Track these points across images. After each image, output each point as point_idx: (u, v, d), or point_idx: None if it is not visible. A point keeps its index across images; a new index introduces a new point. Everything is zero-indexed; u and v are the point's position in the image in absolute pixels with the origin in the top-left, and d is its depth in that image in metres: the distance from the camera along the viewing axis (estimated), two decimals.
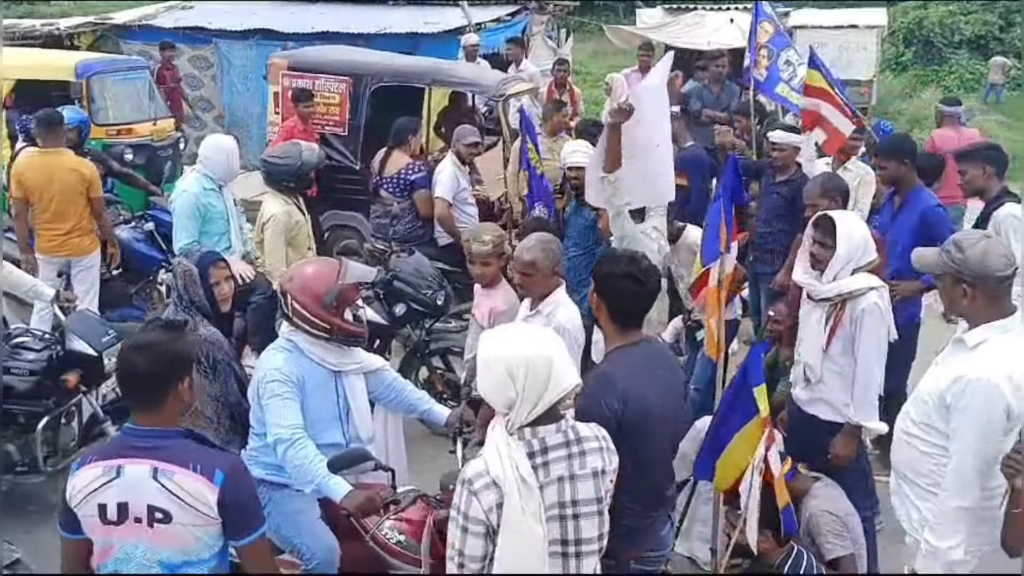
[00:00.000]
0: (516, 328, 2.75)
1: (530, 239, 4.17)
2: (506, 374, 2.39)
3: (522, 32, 13.14)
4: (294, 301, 3.38)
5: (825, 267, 3.91)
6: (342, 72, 8.05)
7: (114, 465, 2.47)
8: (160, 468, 2.45)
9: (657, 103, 4.92)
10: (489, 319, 4.58)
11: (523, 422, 2.42)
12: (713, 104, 9.22)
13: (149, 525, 2.46)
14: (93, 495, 2.48)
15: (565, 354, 2.48)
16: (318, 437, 3.32)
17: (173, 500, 2.45)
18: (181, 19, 12.58)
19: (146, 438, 2.49)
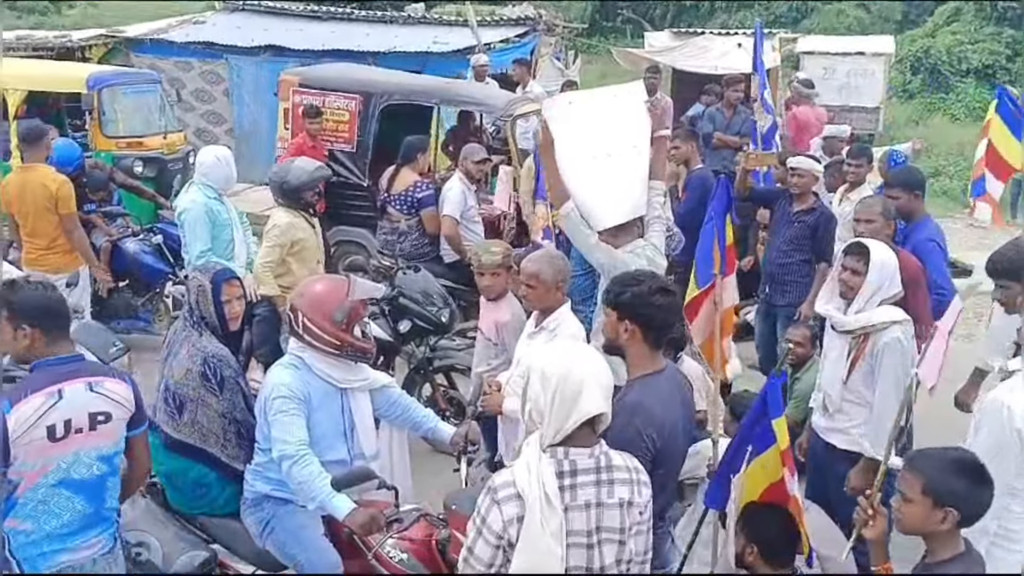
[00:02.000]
0: (567, 346, 2.76)
1: (537, 252, 4.21)
2: (540, 386, 2.42)
3: (530, 53, 13.21)
4: (304, 318, 3.40)
5: (853, 296, 3.90)
6: (352, 90, 8.10)
7: (54, 391, 2.91)
8: (91, 382, 3.01)
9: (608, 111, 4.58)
10: (496, 332, 4.58)
11: (552, 441, 2.42)
12: (724, 128, 9.26)
13: (92, 429, 2.98)
14: (40, 420, 2.87)
15: (603, 380, 2.47)
16: (323, 454, 3.33)
17: (109, 402, 3.02)
18: (192, 34, 12.67)
19: (69, 363, 3.00)
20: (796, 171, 6.10)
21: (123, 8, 27.33)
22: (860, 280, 3.87)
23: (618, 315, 3.06)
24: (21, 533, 2.92)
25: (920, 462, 2.67)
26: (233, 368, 3.58)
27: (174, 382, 3.55)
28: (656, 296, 3.02)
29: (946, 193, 13.80)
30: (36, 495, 2.92)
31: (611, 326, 3.10)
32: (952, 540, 2.63)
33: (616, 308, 3.07)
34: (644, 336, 3.03)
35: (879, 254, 3.89)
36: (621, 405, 2.96)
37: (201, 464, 3.55)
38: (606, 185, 4.45)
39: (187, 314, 3.63)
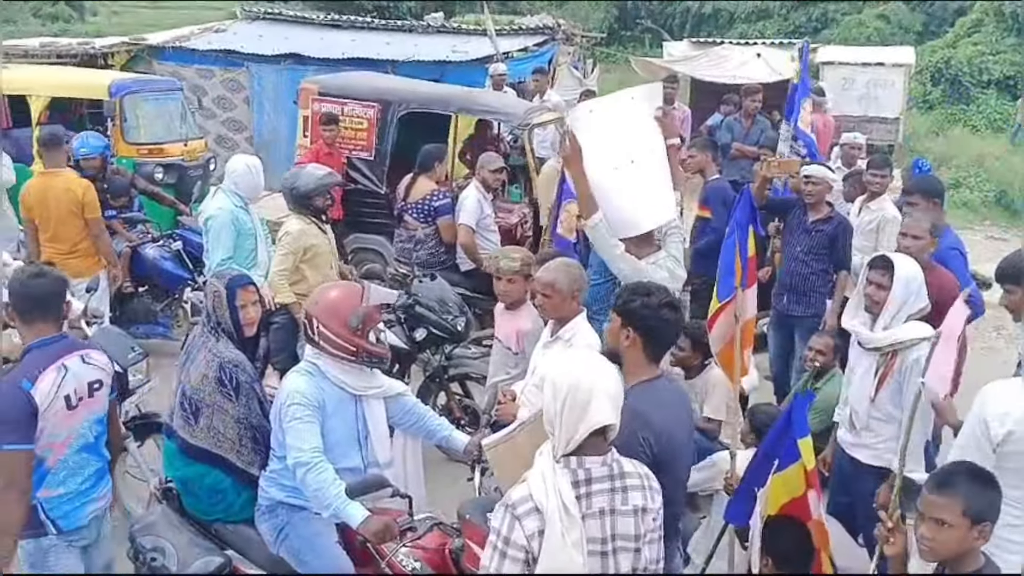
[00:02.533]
0: (581, 355, 2.77)
1: (553, 261, 4.20)
2: (552, 395, 2.46)
3: (549, 62, 13.23)
4: (320, 325, 3.42)
5: (879, 311, 3.88)
6: (371, 98, 8.15)
7: (59, 365, 3.32)
8: (83, 354, 3.46)
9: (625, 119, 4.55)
10: (516, 341, 4.57)
11: (564, 450, 2.44)
12: (743, 138, 9.24)
13: (90, 396, 3.44)
14: (59, 391, 3.30)
15: (613, 391, 2.48)
16: (337, 461, 3.34)
17: (99, 371, 3.50)
18: (214, 42, 12.77)
19: (61, 342, 3.43)
20: (811, 179, 6.06)
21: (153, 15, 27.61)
22: (885, 295, 3.86)
23: (622, 321, 3.09)
24: (55, 497, 3.38)
25: (952, 485, 2.62)
26: (249, 374, 3.60)
27: (191, 387, 3.58)
28: (663, 310, 3.05)
29: (966, 204, 13.71)
30: (67, 462, 3.38)
31: (614, 331, 3.14)
32: (976, 552, 2.61)
33: (622, 314, 3.10)
34: (644, 346, 3.06)
35: (904, 268, 3.87)
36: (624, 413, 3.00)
37: (217, 470, 3.57)
38: (632, 193, 4.45)
39: (205, 320, 3.66)
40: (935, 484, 2.66)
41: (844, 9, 26.73)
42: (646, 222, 4.48)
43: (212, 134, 11.79)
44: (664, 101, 10.22)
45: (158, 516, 3.65)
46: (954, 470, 2.72)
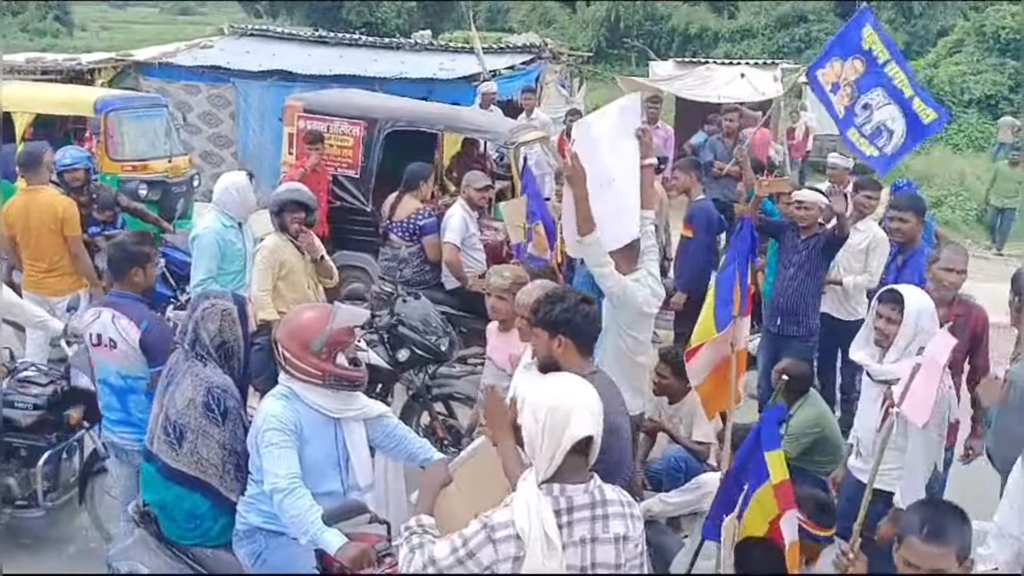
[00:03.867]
0: (558, 377, 2.75)
1: (533, 283, 4.23)
2: (532, 418, 2.47)
3: (536, 80, 13.31)
4: (284, 349, 3.40)
5: (889, 344, 3.86)
6: (356, 116, 8.15)
7: (97, 311, 4.26)
8: (115, 315, 4.19)
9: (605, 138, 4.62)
10: (510, 365, 4.54)
11: (546, 475, 2.43)
12: (725, 157, 9.28)
13: (110, 348, 4.19)
14: (89, 327, 4.25)
15: (594, 407, 2.49)
16: (316, 485, 3.31)
17: (117, 335, 4.16)
18: (201, 58, 12.80)
19: (113, 297, 4.34)
20: (803, 204, 6.06)
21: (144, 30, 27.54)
22: (895, 328, 3.84)
23: (550, 333, 3.25)
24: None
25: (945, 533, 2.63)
26: (236, 399, 3.56)
27: (176, 412, 3.52)
28: (581, 306, 3.25)
29: (948, 223, 13.82)
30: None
31: (543, 344, 3.28)
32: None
33: (547, 325, 3.26)
34: (577, 347, 3.25)
35: (915, 302, 3.85)
36: None
37: (196, 494, 3.52)
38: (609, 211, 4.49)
39: (188, 344, 3.60)
40: (928, 534, 2.63)
41: (827, 29, 26.95)
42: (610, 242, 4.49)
43: (198, 150, 11.81)
44: (648, 120, 10.40)
45: (135, 540, 3.61)
46: (939, 516, 2.70)
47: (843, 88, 6.87)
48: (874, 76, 6.82)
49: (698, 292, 6.98)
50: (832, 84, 6.90)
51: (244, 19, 27.76)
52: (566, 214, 4.65)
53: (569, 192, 4.47)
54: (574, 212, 4.45)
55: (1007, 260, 12.38)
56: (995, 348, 6.47)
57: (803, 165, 14.49)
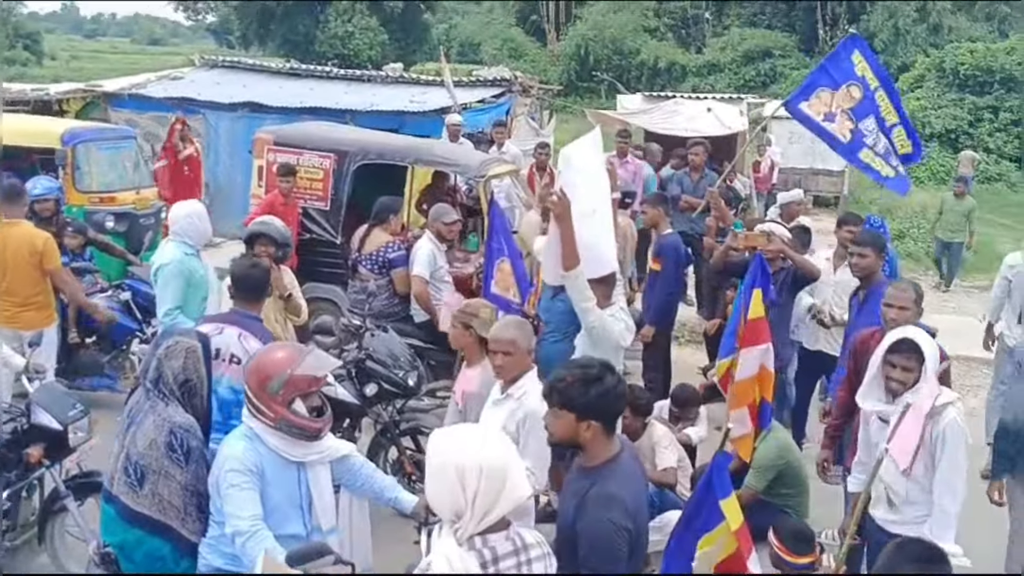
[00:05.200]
0: (469, 430, 2.54)
1: (506, 319, 4.24)
2: (458, 481, 2.29)
3: (506, 113, 13.43)
4: (246, 384, 3.35)
5: (904, 391, 3.82)
6: (326, 149, 8.16)
7: (220, 327, 4.51)
8: (243, 334, 4.52)
9: (584, 171, 4.75)
10: (460, 401, 4.58)
11: (472, 532, 2.34)
12: (692, 191, 9.41)
13: (230, 363, 4.47)
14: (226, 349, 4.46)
15: (519, 461, 2.41)
16: (278, 527, 3.27)
17: (244, 352, 4.40)
18: (171, 89, 12.78)
19: (237, 314, 4.63)
20: (771, 236, 6.17)
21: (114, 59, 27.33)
22: (912, 376, 3.80)
23: (578, 416, 2.89)
24: None
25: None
26: (199, 439, 3.50)
27: (137, 452, 3.45)
28: (619, 387, 2.95)
29: (910, 255, 14.04)
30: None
31: (567, 427, 2.92)
32: None
33: (577, 410, 2.89)
34: (605, 429, 2.93)
35: (929, 347, 3.83)
36: (593, 497, 2.88)
37: (156, 537, 3.45)
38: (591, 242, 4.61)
39: (151, 382, 3.55)
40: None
41: (792, 64, 27.57)
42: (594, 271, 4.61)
43: None
44: (617, 154, 10.54)
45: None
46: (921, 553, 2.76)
47: (840, 116, 6.75)
48: (868, 104, 6.74)
49: (665, 325, 7.08)
50: (825, 114, 6.84)
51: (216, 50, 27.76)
52: (549, 248, 4.74)
53: (554, 226, 4.55)
54: (559, 246, 4.53)
55: (968, 292, 12.59)
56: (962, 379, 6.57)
57: (768, 198, 14.69)
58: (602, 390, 2.89)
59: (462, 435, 2.43)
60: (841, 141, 6.73)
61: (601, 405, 2.90)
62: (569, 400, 2.90)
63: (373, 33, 32.62)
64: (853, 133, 6.67)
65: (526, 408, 3.79)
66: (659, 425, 5.69)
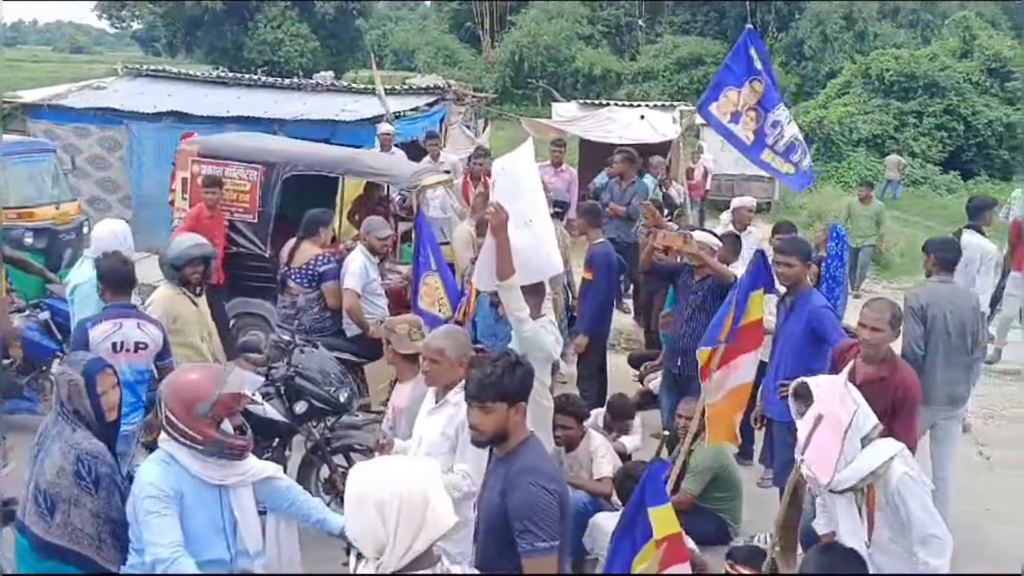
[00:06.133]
0: (388, 461, 2.47)
1: (441, 328, 4.27)
2: (376, 514, 2.20)
3: (440, 122, 13.36)
4: (167, 409, 3.25)
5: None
6: (253, 160, 7.99)
7: (118, 323, 4.82)
8: (139, 322, 4.91)
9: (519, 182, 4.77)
10: (391, 418, 4.53)
11: (395, 568, 2.24)
12: (619, 199, 9.45)
13: (135, 352, 4.85)
14: (108, 338, 4.74)
15: (442, 490, 2.33)
16: (200, 553, 3.18)
17: (148, 337, 4.88)
18: (92, 100, 12.40)
19: (126, 308, 4.92)
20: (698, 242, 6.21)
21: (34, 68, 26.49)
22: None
23: (509, 402, 3.07)
24: None
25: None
26: (109, 465, 3.39)
27: (46, 481, 3.33)
28: (528, 364, 3.17)
29: None
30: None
31: (499, 418, 3.06)
32: None
33: (507, 397, 3.06)
34: (524, 410, 3.14)
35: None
36: (516, 471, 3.01)
37: (72, 567, 3.34)
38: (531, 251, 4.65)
39: (58, 408, 3.43)
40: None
41: None
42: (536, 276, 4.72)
43: (84, 195, 11.39)
44: (552, 163, 10.55)
45: None
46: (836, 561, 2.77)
47: (745, 115, 6.70)
48: (773, 93, 6.70)
49: (599, 333, 7.07)
50: (731, 114, 6.82)
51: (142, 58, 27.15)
52: (484, 258, 4.73)
53: (490, 237, 4.53)
54: (493, 257, 4.54)
55: (894, 293, 12.89)
56: None
57: (702, 204, 14.89)
58: (524, 371, 3.13)
59: (381, 467, 2.34)
60: (744, 143, 6.71)
61: (525, 385, 3.12)
62: (502, 390, 3.06)
63: (304, 40, 32.26)
64: (756, 133, 6.64)
65: (464, 415, 3.73)
66: (596, 435, 5.68)
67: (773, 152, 6.72)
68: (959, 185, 21.94)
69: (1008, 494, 6.56)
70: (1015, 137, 23.00)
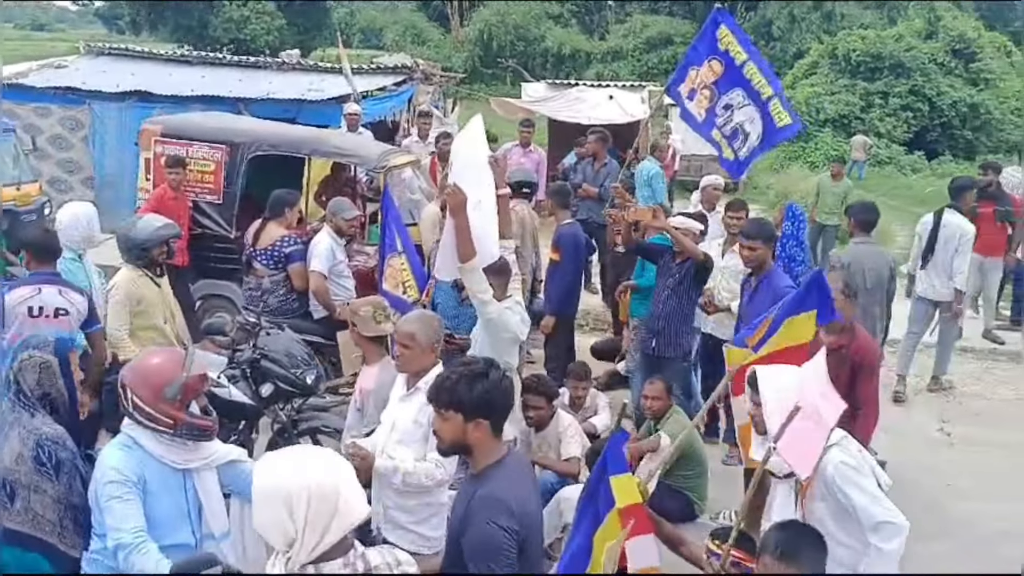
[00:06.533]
0: (298, 452, 2.39)
1: (413, 313, 4.22)
2: (284, 508, 2.16)
3: (408, 102, 13.25)
4: (133, 395, 3.21)
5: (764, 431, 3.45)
6: (217, 139, 7.89)
7: (37, 288, 4.90)
8: (61, 289, 4.97)
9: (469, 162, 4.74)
10: (359, 400, 4.51)
11: (305, 560, 2.19)
12: (592, 179, 9.46)
13: (55, 317, 4.88)
14: (24, 302, 4.81)
15: (354, 481, 2.29)
16: (164, 537, 3.15)
17: (69, 303, 4.95)
18: (54, 79, 12.14)
19: (51, 275, 5.02)
20: (678, 229, 6.21)
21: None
22: (760, 412, 3.45)
23: (465, 416, 2.86)
24: None
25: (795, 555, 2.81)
26: (70, 450, 3.35)
27: (4, 468, 3.28)
28: (504, 381, 2.92)
29: None
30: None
31: (456, 429, 2.88)
32: None
33: (464, 408, 2.86)
34: (493, 428, 2.90)
35: (768, 383, 3.45)
36: (477, 500, 2.85)
37: (34, 554, 3.29)
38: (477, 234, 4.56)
39: (15, 394, 3.37)
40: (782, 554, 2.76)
41: None
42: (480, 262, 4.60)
43: (46, 175, 11.18)
44: (521, 144, 10.52)
45: None
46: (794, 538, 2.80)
47: (700, 92, 6.77)
48: (733, 76, 6.72)
49: (566, 314, 7.10)
50: (689, 91, 6.91)
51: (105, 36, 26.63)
52: (445, 240, 4.71)
53: (450, 219, 4.51)
54: (453, 239, 4.49)
55: None
56: None
57: (671, 184, 14.92)
58: (488, 386, 2.86)
59: (289, 459, 2.29)
60: (696, 119, 6.81)
61: (488, 401, 2.87)
62: (456, 399, 2.87)
63: (270, 18, 31.78)
64: (707, 112, 6.75)
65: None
66: (565, 415, 5.71)
67: (720, 133, 6.80)
68: (923, 165, 22.18)
69: (968, 470, 6.70)
70: (979, 117, 23.27)
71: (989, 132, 23.39)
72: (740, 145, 6.76)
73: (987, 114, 23.21)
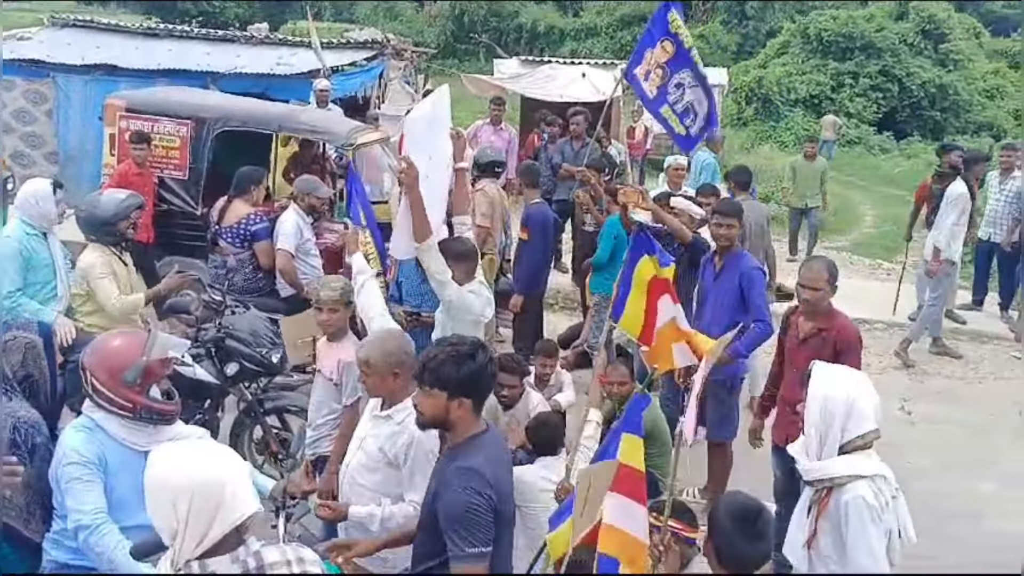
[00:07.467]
0: (186, 446, 2.40)
1: (373, 335, 3.94)
2: (169, 502, 2.16)
3: (379, 77, 13.14)
4: (93, 378, 3.19)
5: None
6: (183, 115, 7.80)
7: None
8: None
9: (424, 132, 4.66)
10: (338, 372, 4.44)
11: (189, 556, 2.17)
12: (572, 159, 9.42)
13: None
14: None
15: (245, 478, 2.26)
16: (126, 519, 3.13)
17: None
18: (17, 51, 11.88)
19: None
20: (673, 211, 6.26)
21: None
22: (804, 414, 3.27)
23: (449, 394, 2.91)
24: None
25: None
26: (45, 435, 3.32)
27: None
28: (490, 365, 2.98)
29: (775, 219, 14.52)
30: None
31: (438, 406, 2.93)
32: None
33: (448, 386, 2.91)
34: (475, 407, 2.97)
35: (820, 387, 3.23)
36: (453, 470, 2.89)
37: None
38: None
39: None
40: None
41: None
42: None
43: (8, 150, 10.99)
44: (491, 122, 10.47)
45: None
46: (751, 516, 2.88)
47: (653, 72, 6.82)
48: (682, 58, 6.79)
49: (535, 293, 7.12)
50: (645, 72, 7.00)
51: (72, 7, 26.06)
52: (400, 219, 4.63)
53: (405, 198, 4.45)
54: (408, 217, 4.43)
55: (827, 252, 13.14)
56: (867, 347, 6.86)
57: (643, 163, 14.95)
58: (475, 367, 2.92)
59: (176, 452, 2.30)
60: (647, 96, 6.87)
61: (473, 382, 2.93)
62: (442, 378, 2.91)
63: None
64: (659, 89, 6.79)
65: (410, 434, 3.41)
66: (534, 393, 5.72)
67: (672, 110, 6.87)
68: (892, 145, 22.41)
69: (929, 448, 6.82)
70: (947, 99, 23.52)
71: (957, 113, 23.65)
72: (691, 122, 6.86)
73: (955, 95, 23.47)
